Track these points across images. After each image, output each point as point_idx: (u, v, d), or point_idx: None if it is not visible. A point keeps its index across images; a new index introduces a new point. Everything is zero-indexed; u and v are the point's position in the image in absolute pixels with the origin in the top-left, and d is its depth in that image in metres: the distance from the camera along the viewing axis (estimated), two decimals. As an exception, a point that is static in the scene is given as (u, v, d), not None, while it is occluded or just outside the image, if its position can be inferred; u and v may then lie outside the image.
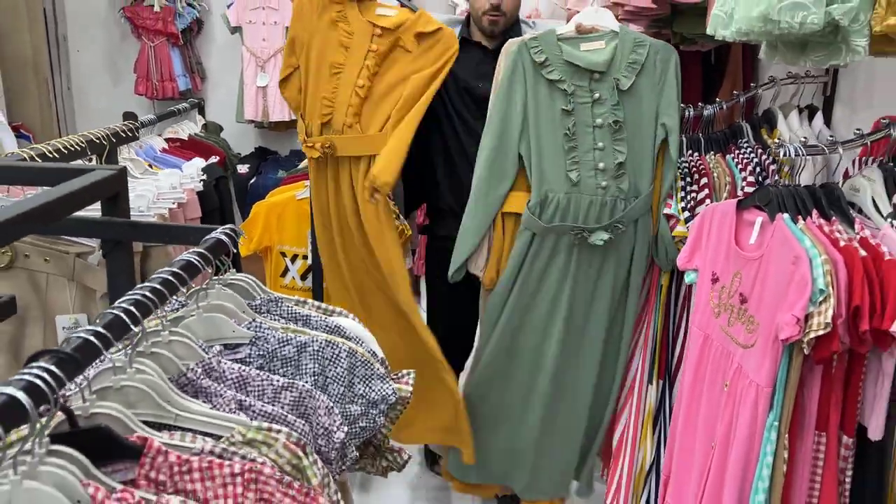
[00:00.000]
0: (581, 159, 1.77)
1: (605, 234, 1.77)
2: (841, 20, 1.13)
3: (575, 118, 1.77)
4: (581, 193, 1.78)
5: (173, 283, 0.90)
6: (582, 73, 1.77)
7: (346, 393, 1.09)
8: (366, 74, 1.95)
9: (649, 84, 1.77)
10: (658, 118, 1.78)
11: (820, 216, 1.34)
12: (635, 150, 1.78)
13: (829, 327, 1.20)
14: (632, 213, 1.80)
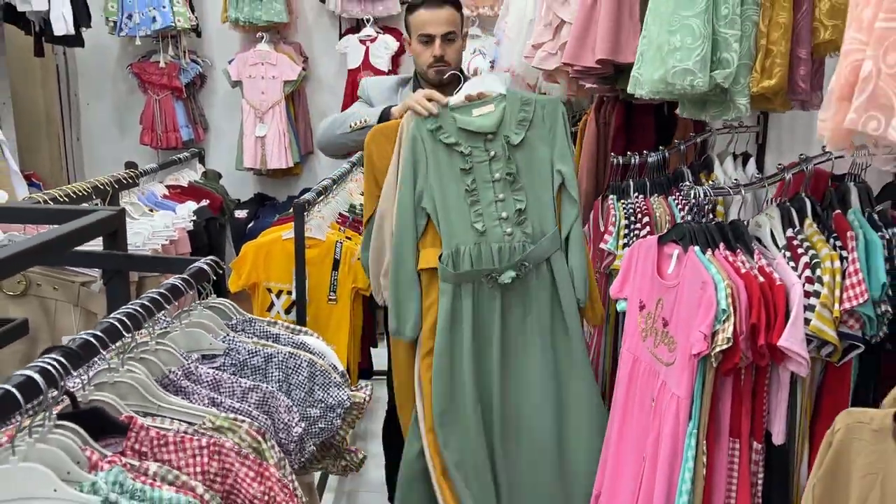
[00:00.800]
0: (484, 211, 1.95)
1: (512, 272, 1.93)
2: (723, 83, 1.35)
3: (474, 175, 1.95)
4: (489, 241, 1.94)
5: (159, 301, 1.11)
6: (476, 135, 1.95)
7: (306, 398, 1.28)
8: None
9: (540, 136, 1.97)
10: (553, 166, 1.97)
11: (726, 248, 1.54)
12: (534, 196, 1.97)
13: (731, 342, 1.39)
14: (537, 252, 1.96)
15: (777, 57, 1.34)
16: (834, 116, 0.77)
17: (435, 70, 2.24)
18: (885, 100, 0.66)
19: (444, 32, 2.21)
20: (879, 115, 0.67)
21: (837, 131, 0.76)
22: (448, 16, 2.23)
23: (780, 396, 1.48)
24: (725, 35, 1.34)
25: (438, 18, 2.21)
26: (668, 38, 1.38)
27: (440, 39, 2.21)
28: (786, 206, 1.55)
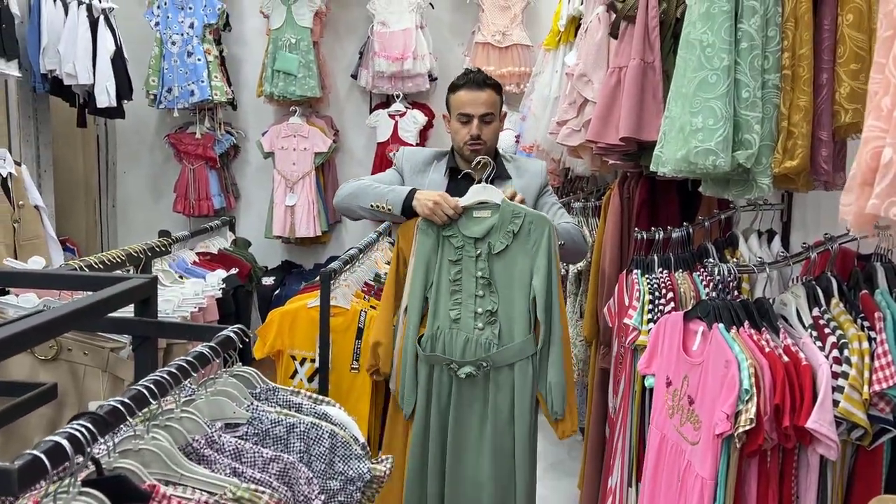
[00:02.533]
0: (464, 302, 2.13)
1: (470, 368, 2.11)
2: (745, 163, 1.37)
3: (461, 266, 2.14)
4: (461, 331, 2.13)
5: (186, 369, 1.12)
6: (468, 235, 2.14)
7: (326, 469, 1.27)
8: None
9: (523, 248, 2.12)
10: (532, 279, 2.11)
11: (751, 326, 1.53)
12: (507, 302, 2.12)
13: (754, 423, 1.37)
14: (501, 355, 2.11)
15: (799, 139, 1.36)
16: (856, 201, 0.78)
17: (471, 148, 2.31)
18: (904, 186, 0.68)
19: (482, 113, 2.31)
20: (899, 201, 0.68)
21: (860, 216, 0.77)
22: (488, 98, 2.32)
23: (810, 480, 1.44)
24: (747, 117, 1.37)
25: (478, 100, 2.31)
26: (691, 119, 1.41)
27: (478, 120, 2.31)
28: (811, 284, 1.55)
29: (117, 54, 4.12)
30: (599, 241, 2.89)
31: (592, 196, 3.75)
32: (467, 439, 2.18)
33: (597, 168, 3.00)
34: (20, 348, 1.00)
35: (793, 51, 1.35)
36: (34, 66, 3.87)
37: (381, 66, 4.51)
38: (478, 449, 2.18)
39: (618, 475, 2.22)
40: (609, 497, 2.28)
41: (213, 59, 4.49)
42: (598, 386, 2.75)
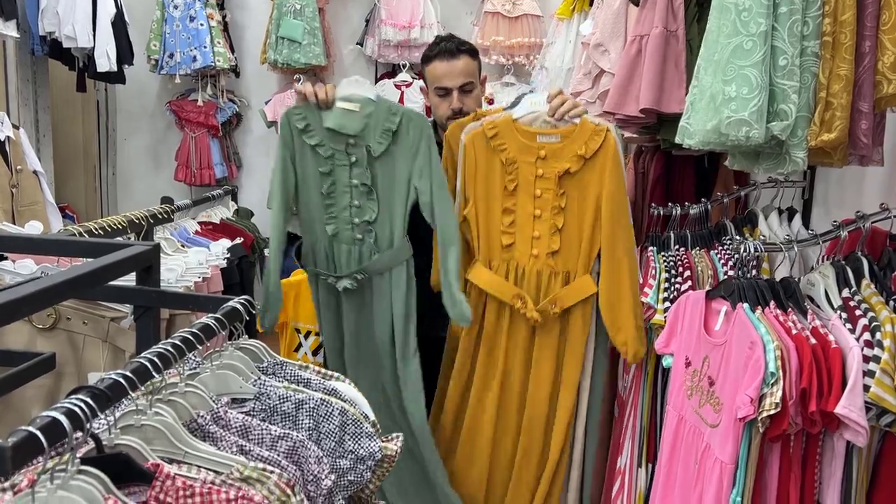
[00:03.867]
0: (339, 215, 2.01)
1: (347, 281, 2.01)
2: (780, 135, 1.30)
3: (333, 178, 1.99)
4: (341, 244, 2.03)
5: (191, 341, 1.07)
6: (339, 137, 1.96)
7: (336, 448, 1.22)
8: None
9: (402, 150, 1.97)
10: (411, 180, 1.98)
11: (777, 307, 1.47)
12: (387, 209, 2.00)
13: (779, 407, 1.32)
14: (377, 263, 2.01)
15: (838, 110, 1.29)
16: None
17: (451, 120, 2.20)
18: None
19: (460, 84, 2.20)
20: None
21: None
22: (464, 66, 2.20)
23: (835, 466, 1.40)
24: (783, 86, 1.30)
25: (454, 70, 2.19)
26: (723, 88, 1.34)
27: (457, 92, 2.20)
28: (841, 264, 1.49)
29: (118, 17, 4.01)
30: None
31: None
32: (365, 349, 2.11)
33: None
34: (16, 316, 0.95)
35: (834, 16, 1.28)
36: (32, 27, 3.77)
37: (387, 34, 4.40)
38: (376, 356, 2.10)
39: (627, 455, 2.18)
40: (618, 477, 2.25)
41: (216, 24, 4.37)
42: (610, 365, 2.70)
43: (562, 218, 1.98)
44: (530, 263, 2.03)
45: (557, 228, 1.99)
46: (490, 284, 2.05)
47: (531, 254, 2.02)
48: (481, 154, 2.02)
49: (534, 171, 1.98)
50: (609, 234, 1.95)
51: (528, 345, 2.07)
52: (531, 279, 2.03)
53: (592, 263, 2.01)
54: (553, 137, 1.97)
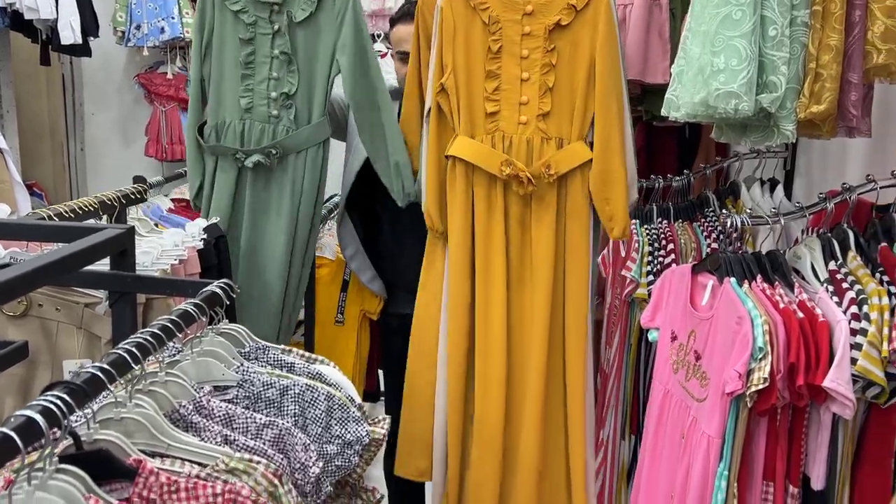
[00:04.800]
0: (255, 88, 1.90)
1: (258, 156, 1.90)
2: (769, 107, 1.28)
3: (254, 47, 1.88)
4: (254, 120, 1.91)
5: (170, 329, 1.03)
6: (263, 4, 1.87)
7: (323, 433, 1.20)
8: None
9: (327, 20, 1.87)
10: (334, 54, 1.89)
11: (764, 280, 1.46)
12: (308, 82, 1.90)
13: (767, 382, 1.31)
14: (292, 140, 1.92)
15: (827, 81, 1.27)
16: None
17: None
18: None
19: None
20: None
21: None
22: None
23: (821, 439, 1.40)
24: (773, 57, 1.27)
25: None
26: (712, 60, 1.31)
27: None
28: (827, 237, 1.48)
29: (81, -13, 3.88)
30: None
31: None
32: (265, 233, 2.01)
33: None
34: (-16, 309, 0.90)
35: (824, -15, 1.25)
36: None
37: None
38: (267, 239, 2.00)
39: (610, 427, 2.19)
40: (600, 449, 2.25)
41: (183, -7, 4.25)
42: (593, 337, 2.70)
43: (552, 76, 1.81)
44: (519, 132, 1.85)
45: (548, 88, 1.82)
46: (475, 154, 1.86)
47: (519, 121, 1.85)
48: (460, 15, 1.86)
49: (519, 29, 1.82)
50: (604, 95, 1.80)
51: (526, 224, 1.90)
52: (520, 149, 1.85)
53: (587, 130, 1.84)
54: None
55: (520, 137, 1.86)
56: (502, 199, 1.88)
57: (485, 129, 1.88)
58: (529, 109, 1.85)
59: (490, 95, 1.87)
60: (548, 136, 1.85)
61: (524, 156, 1.86)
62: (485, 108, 1.88)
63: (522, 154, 1.86)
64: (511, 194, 1.88)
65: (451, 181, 1.91)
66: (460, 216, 1.91)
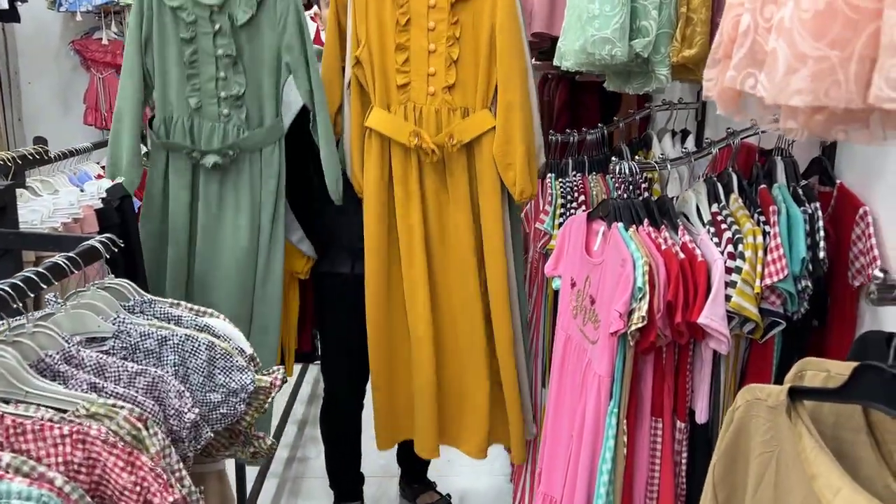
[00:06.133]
0: (203, 87, 1.91)
1: (215, 157, 1.91)
2: (642, 52, 1.30)
3: (196, 46, 1.89)
4: (203, 119, 1.92)
5: (34, 281, 1.04)
6: (202, 3, 1.87)
7: (206, 382, 1.22)
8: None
9: (269, 21, 1.89)
10: (281, 56, 1.91)
11: (650, 224, 1.50)
12: (255, 83, 1.92)
13: (645, 321, 1.36)
14: (248, 141, 1.93)
15: (698, 25, 1.30)
16: (719, 76, 0.73)
17: None
18: (762, 55, 0.62)
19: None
20: (756, 71, 0.63)
21: (724, 91, 0.72)
22: None
23: (703, 374, 1.46)
24: (644, 2, 1.30)
25: None
26: (588, 6, 1.33)
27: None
28: (712, 180, 1.52)
29: (5, -50, 3.77)
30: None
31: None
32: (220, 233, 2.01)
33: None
34: None
35: (692, -70, 1.27)
36: None
37: (299, -36, 4.24)
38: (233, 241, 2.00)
39: (532, 376, 2.24)
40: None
41: (115, -44, 4.15)
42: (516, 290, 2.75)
43: (457, 49, 1.90)
44: (428, 102, 1.94)
45: (453, 61, 1.89)
46: (387, 126, 1.96)
47: (428, 92, 1.93)
48: None
49: (426, 1, 1.89)
50: (506, 66, 1.87)
51: (440, 190, 2.01)
52: (430, 118, 1.94)
53: (490, 99, 1.93)
54: None
55: (429, 108, 1.95)
56: (417, 168, 1.99)
57: (398, 101, 1.96)
58: (437, 81, 1.93)
59: (400, 67, 1.94)
60: (453, 107, 1.94)
61: (433, 126, 1.95)
62: (396, 80, 1.95)
63: (432, 124, 1.95)
64: (425, 164, 1.98)
65: (368, 151, 2.01)
66: (375, 184, 2.01)
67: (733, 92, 0.70)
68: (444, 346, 2.10)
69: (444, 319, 2.09)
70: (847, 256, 1.39)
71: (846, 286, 1.40)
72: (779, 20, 0.61)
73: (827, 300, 1.46)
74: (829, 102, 0.57)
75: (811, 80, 0.57)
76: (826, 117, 0.61)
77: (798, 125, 0.64)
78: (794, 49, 0.57)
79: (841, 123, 0.63)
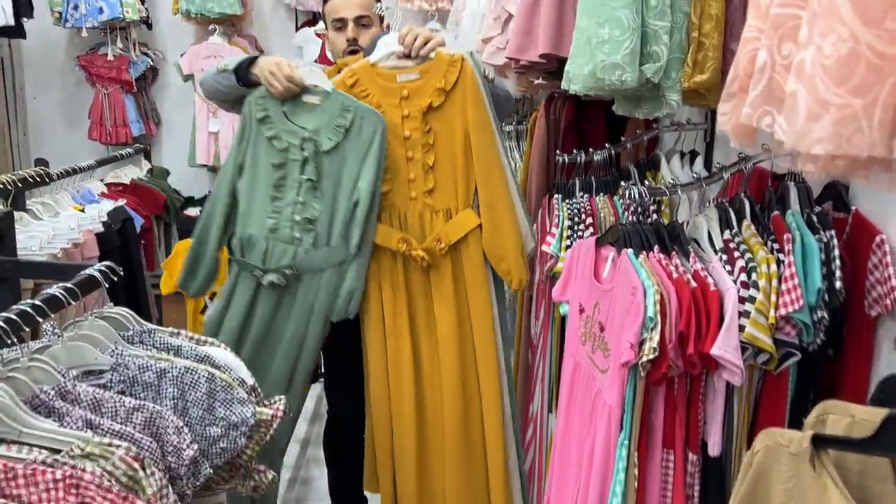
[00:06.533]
0: (283, 210, 1.96)
1: (274, 275, 1.95)
2: (653, 78, 1.28)
3: (285, 172, 1.95)
4: (278, 241, 1.97)
5: (29, 314, 1.01)
6: (295, 131, 1.94)
7: (205, 415, 1.19)
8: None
9: (353, 148, 1.94)
10: (358, 181, 1.94)
11: (661, 251, 1.47)
12: (330, 207, 1.96)
13: (657, 352, 1.32)
14: (308, 261, 1.96)
15: (710, 50, 1.27)
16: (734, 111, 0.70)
17: (349, 53, 2.17)
18: (780, 93, 0.59)
19: (356, 16, 2.18)
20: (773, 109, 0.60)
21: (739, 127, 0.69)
22: (360, 0, 2.19)
23: (716, 406, 1.42)
24: (655, 27, 1.27)
25: (351, 2, 2.17)
26: (597, 31, 1.30)
27: (353, 23, 2.17)
28: (724, 206, 1.49)
29: (12, -33, 3.78)
30: (525, 165, 2.81)
31: (526, 119, 3.63)
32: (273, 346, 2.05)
33: (524, 89, 2.87)
34: None
35: (704, -47, 1.25)
36: (-84, -21, 3.52)
37: (305, -20, 4.25)
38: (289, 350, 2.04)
39: (538, 402, 2.21)
40: (531, 423, 2.28)
41: (121, -27, 4.16)
42: (525, 311, 2.72)
43: (432, 155, 1.98)
44: (411, 207, 2.01)
45: (430, 166, 1.97)
46: (376, 234, 2.01)
47: (410, 197, 2.00)
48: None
49: (399, 112, 1.96)
50: (482, 165, 1.95)
51: (427, 290, 2.05)
52: (414, 223, 2.02)
53: (472, 197, 2.00)
54: (412, 75, 1.96)
55: (413, 212, 2.03)
56: (403, 270, 2.04)
57: (382, 207, 2.02)
58: (417, 186, 2.02)
59: (382, 176, 1.99)
60: (436, 210, 2.02)
61: (417, 229, 2.03)
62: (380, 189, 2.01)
63: (416, 227, 2.03)
64: (413, 266, 2.04)
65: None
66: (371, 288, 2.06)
67: (749, 128, 0.67)
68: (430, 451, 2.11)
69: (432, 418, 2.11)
70: (863, 285, 1.36)
71: (862, 315, 1.37)
72: (798, 63, 0.58)
73: (842, 329, 1.42)
74: (851, 150, 0.54)
75: (833, 128, 0.54)
76: (847, 163, 0.59)
77: (817, 169, 0.61)
78: (816, 95, 0.54)
79: (862, 169, 0.60)
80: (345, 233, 1.96)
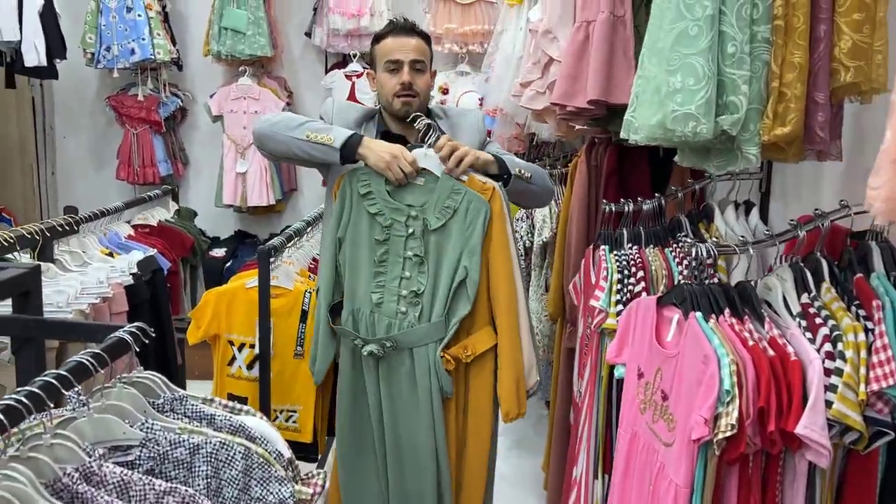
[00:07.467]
0: (387, 285, 1.94)
1: (374, 346, 1.93)
2: (730, 130, 1.18)
3: (388, 247, 1.94)
4: (383, 315, 1.95)
5: (54, 387, 0.91)
6: (400, 208, 1.93)
7: (241, 496, 1.08)
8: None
9: (459, 229, 1.92)
10: (461, 260, 1.93)
11: (732, 315, 1.35)
12: (434, 283, 1.94)
13: (735, 429, 1.20)
14: (407, 336, 1.93)
15: (792, 101, 1.17)
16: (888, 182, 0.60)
17: (402, 100, 2.02)
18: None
19: (412, 59, 2.04)
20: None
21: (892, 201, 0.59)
22: (417, 45, 2.06)
23: (797, 488, 1.29)
24: (733, 76, 1.17)
25: (407, 45, 2.04)
26: (668, 79, 1.21)
27: (408, 66, 2.03)
28: (799, 266, 1.37)
29: (46, 8, 3.80)
30: (565, 212, 2.71)
31: (559, 163, 3.55)
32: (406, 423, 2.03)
33: (562, 134, 2.80)
34: None
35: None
36: (-47, 21, 3.54)
37: (336, 23, 4.23)
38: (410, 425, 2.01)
39: (583, 466, 2.07)
40: (574, 488, 2.13)
41: (154, 14, 4.18)
42: (564, 366, 2.59)
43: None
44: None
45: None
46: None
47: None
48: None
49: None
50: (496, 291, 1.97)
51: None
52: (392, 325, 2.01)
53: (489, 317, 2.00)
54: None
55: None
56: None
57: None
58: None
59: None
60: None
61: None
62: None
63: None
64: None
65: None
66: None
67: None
68: None
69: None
70: (959, 357, 1.23)
71: (960, 390, 1.24)
72: None
73: (936, 405, 1.29)
74: None
75: None
76: None
77: None
78: None
79: None
80: (444, 309, 1.94)
